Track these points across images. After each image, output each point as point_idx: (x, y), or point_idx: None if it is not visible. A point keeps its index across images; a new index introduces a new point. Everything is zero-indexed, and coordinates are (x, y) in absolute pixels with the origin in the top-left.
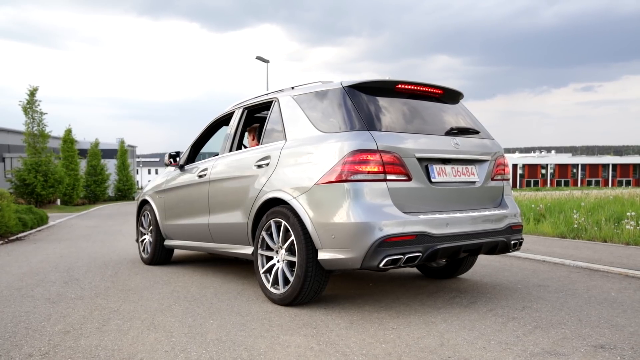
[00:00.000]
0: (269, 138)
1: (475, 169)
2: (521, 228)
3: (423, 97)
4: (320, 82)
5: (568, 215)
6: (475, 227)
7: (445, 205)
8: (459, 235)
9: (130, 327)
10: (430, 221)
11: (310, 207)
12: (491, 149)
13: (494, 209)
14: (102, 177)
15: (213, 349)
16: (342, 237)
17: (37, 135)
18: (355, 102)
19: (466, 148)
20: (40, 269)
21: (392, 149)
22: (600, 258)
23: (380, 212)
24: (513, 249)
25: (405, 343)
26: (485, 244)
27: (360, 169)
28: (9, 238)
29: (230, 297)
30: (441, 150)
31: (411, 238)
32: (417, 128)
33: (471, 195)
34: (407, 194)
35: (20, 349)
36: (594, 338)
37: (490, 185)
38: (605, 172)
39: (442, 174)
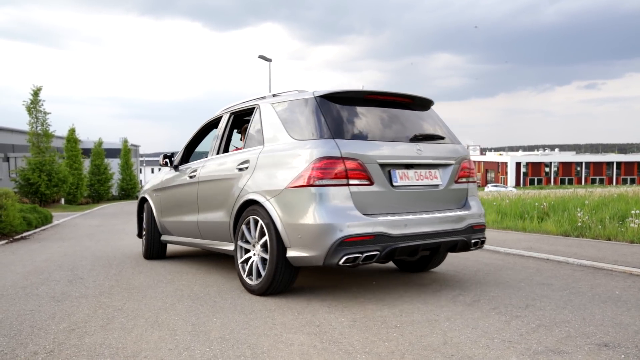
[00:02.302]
0: (251, 142)
1: (439, 173)
2: (483, 228)
3: (393, 105)
4: (297, 91)
5: (572, 213)
6: (434, 227)
7: (406, 207)
8: (417, 235)
9: (134, 325)
10: (388, 222)
11: (280, 208)
12: (456, 154)
13: (457, 210)
14: (105, 176)
15: (216, 347)
16: (307, 237)
17: (41, 134)
18: (325, 112)
19: (429, 153)
20: (45, 267)
21: (355, 156)
22: (605, 256)
23: (341, 214)
24: (474, 247)
25: (409, 341)
26: (444, 243)
27: (325, 174)
28: (13, 237)
29: (234, 296)
30: (403, 156)
31: (370, 238)
32: (382, 135)
33: (434, 197)
34: (369, 197)
35: (26, 347)
36: (598, 336)
37: (454, 188)
38: (610, 170)
39: (404, 178)
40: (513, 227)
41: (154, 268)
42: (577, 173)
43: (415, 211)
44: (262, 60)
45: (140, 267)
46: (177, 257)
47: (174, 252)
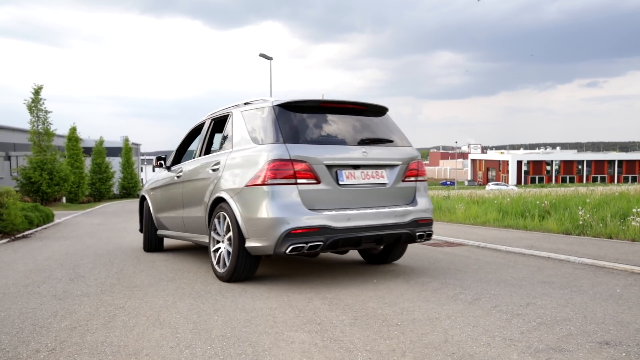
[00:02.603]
0: (223, 146)
1: (385, 172)
2: (429, 222)
3: (347, 112)
4: (262, 100)
5: (573, 211)
6: (377, 221)
7: (352, 203)
8: (359, 228)
9: (135, 323)
10: (332, 216)
11: (240, 204)
12: (403, 155)
13: (403, 205)
14: (106, 175)
15: (218, 345)
16: (260, 229)
17: (42, 133)
18: (280, 119)
19: (375, 155)
20: (47, 266)
21: (303, 158)
22: (606, 254)
23: (289, 209)
24: (419, 239)
25: (409, 339)
26: (387, 235)
27: (276, 175)
28: (15, 236)
29: (235, 294)
30: (349, 158)
31: (314, 230)
32: (331, 139)
33: (381, 194)
34: (315, 194)
35: (28, 345)
36: (599, 335)
37: (401, 186)
38: (611, 168)
39: (350, 177)
40: (514, 226)
41: (155, 266)
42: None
43: (360, 207)
44: (262, 58)
45: (142, 266)
46: (179, 256)
47: (176, 250)
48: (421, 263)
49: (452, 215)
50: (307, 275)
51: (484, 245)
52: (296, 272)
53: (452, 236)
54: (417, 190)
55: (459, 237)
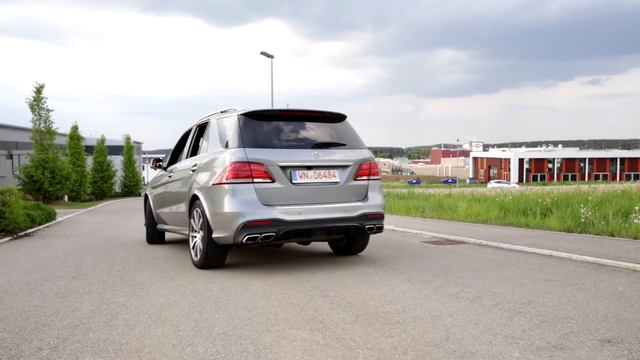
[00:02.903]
0: (202, 149)
1: (337, 172)
2: (379, 216)
3: (306, 119)
4: (233, 109)
5: (575, 209)
6: (327, 215)
7: (304, 199)
8: (309, 221)
9: (137, 321)
10: (284, 211)
11: (208, 201)
12: (355, 157)
13: (355, 201)
14: (108, 173)
15: (219, 343)
16: (223, 221)
17: (44, 132)
18: (243, 127)
19: (327, 157)
20: (49, 264)
21: (259, 160)
22: (608, 252)
23: (246, 204)
24: (369, 231)
25: (411, 337)
26: (337, 227)
27: (235, 175)
28: (17, 234)
29: (236, 292)
30: (302, 160)
31: (267, 223)
32: (287, 144)
33: (333, 192)
34: (270, 192)
35: (30, 342)
36: (601, 332)
37: (353, 184)
38: (613, 166)
39: (304, 177)
40: (516, 224)
41: (157, 264)
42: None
43: (312, 202)
44: (264, 56)
45: (144, 264)
46: (180, 254)
47: (177, 249)
48: (422, 261)
49: (454, 213)
50: (308, 274)
51: (485, 243)
52: (297, 271)
53: (454, 234)
54: (369, 188)
55: (460, 235)
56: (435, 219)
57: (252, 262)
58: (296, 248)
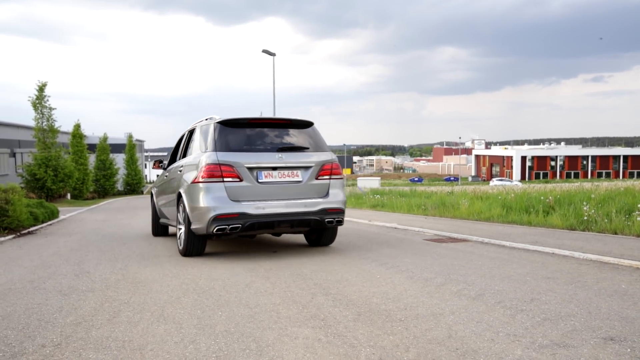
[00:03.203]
0: (189, 152)
1: (300, 172)
2: (339, 211)
3: (275, 126)
4: (214, 117)
5: (578, 207)
6: (289, 209)
7: (269, 196)
8: (272, 215)
9: (140, 318)
10: (250, 206)
11: (188, 197)
12: (317, 159)
13: (316, 198)
14: (111, 171)
15: (222, 341)
16: (198, 215)
17: (47, 130)
18: (218, 133)
19: (290, 159)
20: (52, 262)
21: (228, 162)
22: (611, 250)
23: (217, 200)
24: (329, 224)
25: (413, 335)
26: (298, 220)
27: (208, 175)
28: (20, 232)
29: (239, 290)
30: (267, 162)
31: (234, 216)
32: (255, 148)
33: (295, 189)
34: (238, 189)
35: (34, 340)
36: (604, 330)
37: (315, 183)
38: (616, 163)
39: (269, 176)
40: (518, 221)
41: (159, 262)
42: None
43: (276, 199)
44: (265, 54)
45: (146, 262)
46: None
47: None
48: (424, 259)
49: (456, 211)
50: (310, 272)
51: (488, 241)
52: (299, 269)
53: (456, 232)
54: (331, 186)
55: (462, 232)
56: (437, 216)
57: (254, 260)
58: (298, 247)
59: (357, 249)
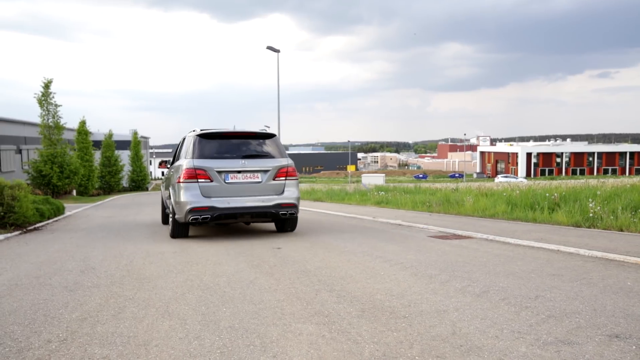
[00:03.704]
0: (179, 156)
1: (259, 175)
2: (292, 205)
3: (242, 137)
4: (199, 130)
5: (583, 204)
6: (249, 204)
7: (234, 193)
8: (235, 208)
9: (145, 314)
10: (218, 201)
11: (173, 193)
12: (274, 164)
13: (273, 195)
14: (116, 168)
15: (226, 336)
16: (178, 207)
17: (52, 127)
18: (197, 143)
19: (252, 165)
20: (58, 258)
21: (202, 167)
22: (616, 247)
23: (192, 196)
24: (282, 216)
25: (417, 331)
26: (257, 212)
27: (186, 177)
28: (27, 228)
29: (243, 286)
30: (233, 166)
31: (205, 209)
32: (224, 155)
33: (256, 188)
34: (209, 188)
35: (40, 335)
36: (609, 327)
37: (272, 183)
38: (623, 160)
39: (234, 178)
40: (523, 218)
41: (164, 258)
42: (589, 163)
43: (240, 195)
44: (270, 51)
45: (151, 258)
46: (187, 249)
47: (184, 243)
48: (429, 256)
49: (461, 207)
50: (314, 268)
51: (492, 237)
52: (303, 265)
53: (461, 229)
54: (286, 186)
55: (467, 229)
56: (442, 213)
57: (258, 257)
58: (302, 244)
59: (361, 245)
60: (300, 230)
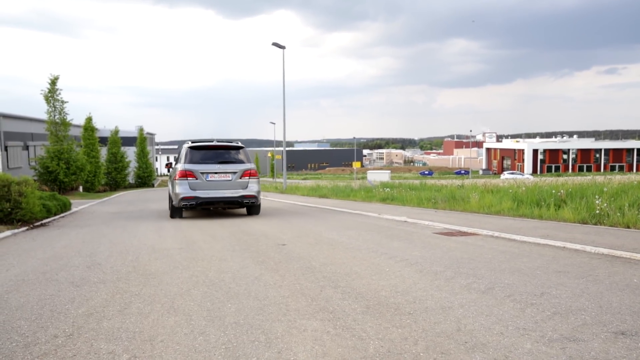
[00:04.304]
0: (178, 161)
1: (230, 175)
2: (252, 197)
3: (220, 148)
4: (190, 142)
5: (590, 200)
6: (222, 195)
7: (212, 188)
8: (212, 197)
9: (150, 310)
10: (200, 193)
11: (171, 187)
12: (241, 168)
13: (239, 189)
14: (122, 164)
15: (231, 332)
16: (174, 196)
17: (59, 123)
18: (188, 153)
19: (225, 168)
20: (64, 253)
21: (190, 169)
22: (623, 244)
23: (183, 189)
24: (246, 204)
25: (422, 328)
26: (228, 201)
27: (180, 176)
28: (33, 224)
29: (248, 282)
30: (212, 169)
31: (191, 198)
32: (206, 161)
33: (228, 184)
34: (195, 184)
35: (46, 330)
36: (615, 324)
37: (239, 181)
38: (630, 156)
39: (213, 177)
40: (529, 215)
41: (169, 255)
42: (596, 160)
43: (217, 189)
44: (276, 47)
45: (157, 254)
46: (193, 245)
47: (190, 239)
48: (434, 252)
49: (466, 204)
50: (319, 265)
51: (498, 234)
52: (309, 262)
53: (466, 225)
54: (249, 183)
55: (472, 226)
56: (447, 210)
57: (263, 253)
58: (307, 241)
59: (367, 242)
60: (305, 227)
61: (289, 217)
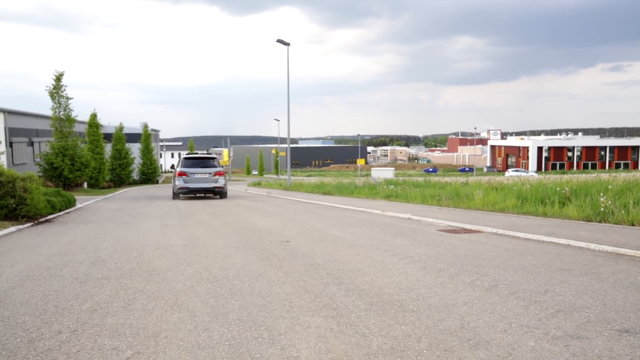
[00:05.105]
0: (178, 165)
1: (207, 174)
2: (221, 187)
3: (203, 158)
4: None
5: (595, 198)
6: (203, 186)
7: (197, 182)
8: (197, 187)
9: (154, 306)
10: (190, 185)
11: (173, 181)
12: (214, 170)
13: (213, 183)
14: (126, 160)
15: (235, 329)
16: (175, 187)
17: (64, 119)
18: (183, 160)
19: (205, 170)
20: (69, 250)
21: (184, 171)
22: (628, 242)
23: (180, 183)
24: (217, 193)
25: (425, 325)
26: (207, 190)
27: (178, 174)
28: (38, 220)
29: (252, 279)
30: (197, 171)
31: (184, 188)
32: (195, 166)
33: (206, 180)
34: (187, 179)
35: (50, 326)
36: (619, 322)
37: (213, 177)
38: (635, 154)
39: (197, 175)
40: (533, 212)
41: (173, 251)
42: (601, 157)
43: (200, 183)
44: (280, 44)
45: (161, 250)
46: (197, 242)
47: (194, 236)
48: (438, 249)
49: (470, 201)
50: (323, 262)
51: (502, 232)
52: (312, 259)
53: (470, 223)
54: (219, 179)
55: (476, 223)
56: (451, 207)
57: (267, 250)
58: (311, 237)
59: (370, 239)
60: (309, 223)
61: (293, 214)
